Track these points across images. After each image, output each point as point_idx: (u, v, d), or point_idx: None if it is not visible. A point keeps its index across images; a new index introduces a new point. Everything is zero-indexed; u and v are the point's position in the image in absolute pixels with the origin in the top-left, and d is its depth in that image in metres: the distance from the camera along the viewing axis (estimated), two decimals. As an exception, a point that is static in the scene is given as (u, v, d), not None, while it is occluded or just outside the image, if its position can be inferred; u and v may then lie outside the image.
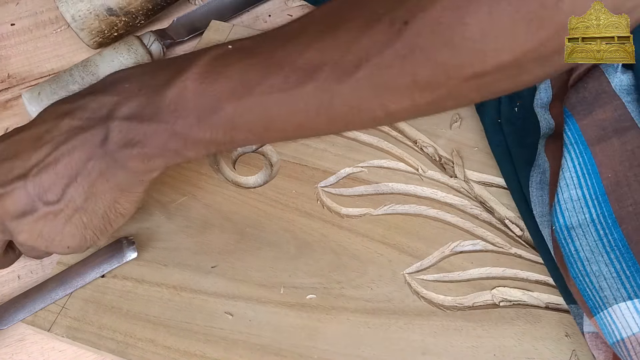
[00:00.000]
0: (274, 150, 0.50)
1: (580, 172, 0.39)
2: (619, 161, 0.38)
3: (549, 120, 0.44)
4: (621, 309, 0.35)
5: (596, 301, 0.37)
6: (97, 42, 0.57)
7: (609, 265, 0.37)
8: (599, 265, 0.37)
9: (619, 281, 0.36)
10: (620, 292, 0.36)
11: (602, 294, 0.36)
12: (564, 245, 0.38)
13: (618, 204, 0.37)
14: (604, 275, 0.37)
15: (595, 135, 0.39)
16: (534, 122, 0.45)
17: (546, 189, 0.42)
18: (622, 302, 0.35)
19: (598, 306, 0.36)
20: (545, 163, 0.42)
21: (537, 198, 0.42)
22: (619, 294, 0.36)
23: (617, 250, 0.37)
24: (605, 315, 0.36)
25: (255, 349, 0.41)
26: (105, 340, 0.42)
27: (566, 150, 0.39)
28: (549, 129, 0.44)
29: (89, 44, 0.57)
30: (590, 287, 0.37)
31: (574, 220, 0.38)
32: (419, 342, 0.41)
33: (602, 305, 0.36)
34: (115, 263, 0.44)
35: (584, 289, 0.37)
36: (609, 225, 0.37)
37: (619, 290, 0.36)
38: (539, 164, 0.43)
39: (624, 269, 0.36)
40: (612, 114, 0.40)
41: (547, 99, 0.45)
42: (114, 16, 0.55)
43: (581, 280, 0.37)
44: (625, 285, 0.36)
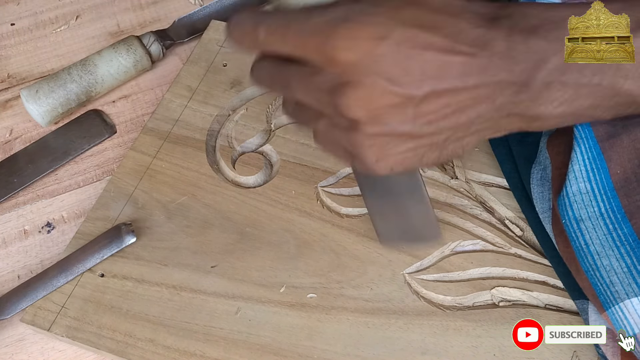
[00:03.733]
0: (274, 150, 0.50)
1: (590, 166, 0.39)
2: (628, 159, 0.38)
3: None
4: (633, 304, 0.35)
5: (607, 296, 0.37)
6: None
7: (620, 260, 0.37)
8: (609, 260, 0.37)
9: (630, 276, 0.36)
10: (632, 287, 0.36)
11: (613, 288, 0.36)
12: (574, 239, 0.38)
13: (627, 199, 0.37)
14: (615, 270, 0.37)
15: (605, 131, 0.39)
16: None
17: (547, 185, 0.42)
18: (634, 297, 0.35)
19: (609, 301, 0.36)
20: (546, 160, 0.42)
21: (538, 195, 0.43)
22: (631, 289, 0.36)
23: (628, 245, 0.37)
24: (616, 311, 0.36)
25: (255, 349, 0.41)
26: (105, 340, 0.42)
27: (576, 144, 0.39)
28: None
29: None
30: (601, 281, 0.37)
31: (582, 213, 0.38)
32: (419, 342, 0.41)
33: (614, 300, 0.36)
34: (114, 248, 0.44)
35: (595, 283, 0.37)
36: (619, 220, 0.37)
37: (630, 285, 0.36)
38: (540, 160, 0.43)
39: (635, 264, 0.36)
40: None
41: None
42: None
43: (592, 274, 0.37)
44: (636, 280, 0.36)
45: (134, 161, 0.49)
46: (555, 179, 0.41)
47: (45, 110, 0.53)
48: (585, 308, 0.39)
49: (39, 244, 0.49)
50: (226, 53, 0.55)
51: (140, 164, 0.49)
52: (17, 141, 0.55)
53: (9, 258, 0.48)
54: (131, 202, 0.47)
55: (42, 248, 0.49)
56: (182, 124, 0.51)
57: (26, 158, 0.53)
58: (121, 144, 0.54)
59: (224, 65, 0.54)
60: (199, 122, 0.51)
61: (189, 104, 0.52)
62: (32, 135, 0.55)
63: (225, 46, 0.56)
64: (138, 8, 0.63)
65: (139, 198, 0.48)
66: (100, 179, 0.52)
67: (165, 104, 0.52)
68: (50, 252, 0.48)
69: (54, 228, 0.50)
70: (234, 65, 0.54)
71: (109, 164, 0.53)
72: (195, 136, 0.51)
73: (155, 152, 0.50)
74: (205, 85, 0.53)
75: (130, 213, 0.47)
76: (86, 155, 0.53)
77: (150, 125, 0.51)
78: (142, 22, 0.62)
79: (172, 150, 0.50)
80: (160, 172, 0.49)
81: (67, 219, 0.50)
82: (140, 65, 0.56)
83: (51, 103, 0.53)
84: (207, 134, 0.51)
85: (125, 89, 0.57)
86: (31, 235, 0.49)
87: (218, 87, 0.53)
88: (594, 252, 0.38)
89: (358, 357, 0.41)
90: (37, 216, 0.50)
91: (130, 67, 0.56)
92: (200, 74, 0.54)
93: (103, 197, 0.48)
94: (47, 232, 0.49)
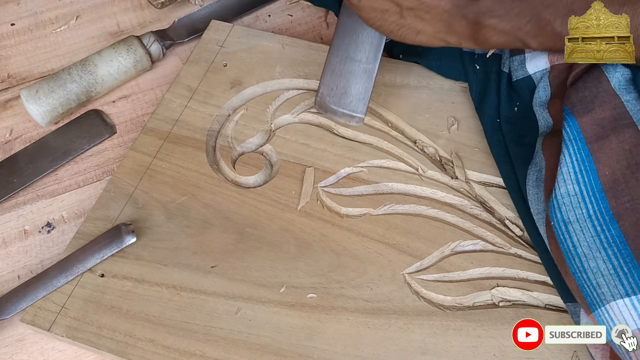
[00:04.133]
0: (273, 150, 0.50)
1: (578, 168, 0.39)
2: (616, 160, 0.38)
3: (547, 119, 0.45)
4: (619, 306, 0.36)
5: (594, 297, 0.37)
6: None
7: (607, 262, 0.37)
8: (596, 262, 0.37)
9: (617, 278, 0.36)
10: (617, 289, 0.36)
11: (600, 290, 0.36)
12: (562, 240, 0.38)
13: (615, 200, 0.38)
14: (602, 271, 0.37)
15: (594, 133, 0.39)
16: (533, 121, 0.46)
17: (542, 186, 0.42)
18: (620, 298, 0.36)
19: (596, 302, 0.37)
20: (542, 161, 0.42)
21: (533, 196, 0.43)
22: (617, 290, 0.36)
23: (615, 247, 0.37)
24: (603, 312, 0.36)
25: (255, 349, 0.41)
26: (105, 340, 0.42)
27: (565, 146, 0.39)
28: (547, 128, 0.44)
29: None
30: (588, 283, 0.37)
31: (571, 215, 0.38)
32: (419, 342, 0.41)
33: (600, 302, 0.36)
34: (114, 248, 0.44)
35: (582, 285, 0.37)
36: (607, 222, 0.37)
37: (617, 287, 0.36)
38: (536, 162, 0.43)
39: (621, 265, 0.36)
40: (610, 112, 0.40)
41: (545, 97, 0.45)
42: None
43: (579, 276, 0.38)
44: (622, 282, 0.36)
45: (134, 161, 0.49)
46: (547, 181, 0.41)
47: (45, 110, 0.53)
48: (577, 310, 0.39)
49: (39, 244, 0.49)
50: (226, 53, 0.55)
51: (140, 164, 0.49)
52: (17, 141, 0.55)
53: (9, 258, 0.48)
54: (131, 202, 0.47)
55: (42, 248, 0.49)
56: (182, 124, 0.51)
57: (26, 158, 0.53)
58: (121, 144, 0.54)
59: (224, 65, 0.54)
60: (199, 122, 0.51)
61: (189, 104, 0.52)
62: (32, 135, 0.55)
63: (225, 46, 0.56)
64: (138, 8, 0.63)
65: (139, 198, 0.48)
66: (100, 179, 0.52)
67: (165, 104, 0.52)
68: (50, 252, 0.48)
69: (54, 228, 0.50)
70: (234, 65, 0.54)
71: (109, 164, 0.53)
72: (195, 136, 0.51)
73: (155, 152, 0.50)
74: (205, 85, 0.53)
75: (130, 213, 0.47)
76: (86, 155, 0.53)
77: (150, 125, 0.51)
78: (142, 22, 0.62)
79: (172, 150, 0.50)
80: (160, 172, 0.49)
81: (67, 219, 0.50)
82: (140, 65, 0.56)
83: (51, 103, 0.53)
84: (207, 134, 0.51)
85: (125, 89, 0.57)
86: (31, 235, 0.49)
87: (218, 87, 0.53)
88: (582, 254, 0.38)
89: (358, 357, 0.41)
90: (37, 216, 0.50)
91: (130, 67, 0.56)
92: (200, 74, 0.54)
93: (103, 197, 0.48)
94: (47, 232, 0.49)
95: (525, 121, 0.46)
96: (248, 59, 0.55)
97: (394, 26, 0.43)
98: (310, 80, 0.53)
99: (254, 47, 0.56)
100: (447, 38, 0.43)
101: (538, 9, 0.39)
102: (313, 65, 0.54)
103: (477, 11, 0.40)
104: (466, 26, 0.41)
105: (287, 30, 0.61)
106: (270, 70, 0.54)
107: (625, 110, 0.40)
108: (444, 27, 0.42)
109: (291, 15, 0.62)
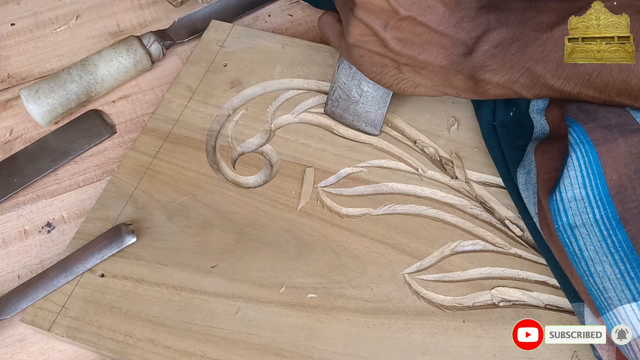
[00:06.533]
0: (273, 150, 0.50)
1: (585, 172, 0.39)
2: (624, 164, 0.38)
3: (544, 125, 0.44)
4: (626, 311, 0.35)
5: (602, 301, 0.37)
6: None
7: (613, 266, 0.37)
8: (603, 266, 0.37)
9: (624, 282, 0.36)
10: (624, 294, 0.36)
11: (607, 294, 0.36)
12: (568, 245, 0.38)
13: (622, 205, 0.37)
14: (608, 276, 0.36)
15: (601, 136, 0.39)
16: (528, 126, 0.45)
17: (531, 189, 0.42)
18: (627, 303, 0.35)
19: (604, 307, 0.36)
20: (531, 163, 0.42)
21: (525, 198, 0.43)
22: (624, 295, 0.36)
23: (622, 252, 0.37)
24: (611, 317, 0.36)
25: (255, 349, 0.41)
26: (105, 340, 0.42)
27: (572, 149, 0.39)
28: (542, 134, 0.44)
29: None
30: (595, 287, 0.37)
31: (577, 220, 0.38)
32: (419, 342, 0.41)
33: (608, 306, 0.36)
34: (114, 248, 0.44)
35: (590, 288, 0.37)
36: (613, 226, 0.37)
37: (624, 292, 0.36)
38: (525, 164, 0.43)
39: (628, 270, 0.36)
40: (617, 120, 0.39)
41: (543, 105, 0.45)
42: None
43: (587, 279, 0.37)
44: (629, 287, 0.36)
45: (134, 161, 0.49)
46: (544, 183, 0.41)
47: (45, 110, 0.53)
48: (582, 311, 0.39)
49: (39, 244, 0.49)
50: (226, 53, 0.55)
51: (140, 164, 0.49)
52: (17, 141, 0.55)
53: (9, 258, 0.48)
54: (131, 202, 0.47)
55: (42, 248, 0.49)
56: (182, 124, 0.51)
57: (26, 158, 0.53)
58: (121, 144, 0.54)
59: (224, 65, 0.54)
60: (199, 122, 0.51)
61: (189, 104, 0.52)
62: (32, 135, 0.55)
63: (225, 46, 0.56)
64: (138, 8, 0.63)
65: (139, 198, 0.48)
66: (100, 179, 0.52)
67: (165, 104, 0.52)
68: (50, 252, 0.48)
69: (54, 228, 0.50)
70: (234, 65, 0.54)
71: (109, 164, 0.53)
72: (195, 136, 0.51)
73: (155, 152, 0.50)
74: (205, 85, 0.53)
75: (130, 213, 0.47)
76: (86, 155, 0.54)
77: (150, 125, 0.51)
78: (142, 22, 0.62)
79: (172, 150, 0.50)
80: (160, 172, 0.49)
81: (67, 219, 0.50)
82: (140, 65, 0.56)
83: (51, 103, 0.53)
84: (207, 134, 0.51)
85: (125, 89, 0.57)
86: (31, 235, 0.49)
87: (218, 87, 0.53)
88: (588, 258, 0.37)
89: (358, 357, 0.41)
90: (37, 216, 0.50)
91: (130, 67, 0.56)
92: (200, 74, 0.54)
93: (103, 197, 0.48)
94: (47, 232, 0.49)
95: (518, 126, 0.46)
96: (248, 59, 0.55)
97: (393, 80, 0.44)
98: (310, 80, 0.53)
99: (254, 47, 0.56)
100: (445, 90, 0.44)
101: (529, 63, 0.39)
102: (313, 65, 0.54)
103: (472, 66, 0.41)
104: (463, 80, 0.42)
105: (287, 30, 0.61)
106: (270, 70, 0.54)
107: (631, 117, 0.39)
108: (441, 81, 0.43)
109: (291, 15, 0.62)
